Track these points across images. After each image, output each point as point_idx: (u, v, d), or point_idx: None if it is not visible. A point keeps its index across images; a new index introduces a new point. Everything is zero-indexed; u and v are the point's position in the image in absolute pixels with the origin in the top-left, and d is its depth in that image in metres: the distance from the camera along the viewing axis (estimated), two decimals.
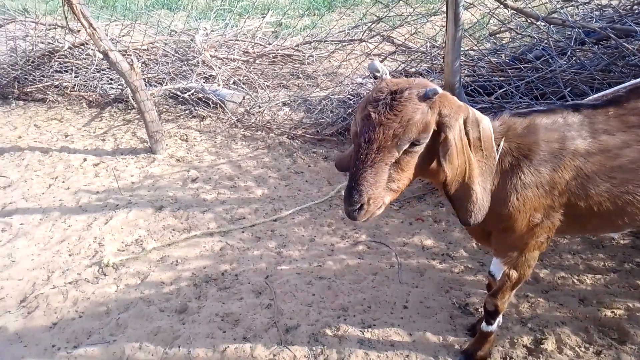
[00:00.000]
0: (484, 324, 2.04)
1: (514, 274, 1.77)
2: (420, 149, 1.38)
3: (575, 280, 2.50)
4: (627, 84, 1.73)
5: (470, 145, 1.44)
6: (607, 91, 1.75)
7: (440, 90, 1.35)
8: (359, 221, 1.41)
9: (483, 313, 2.04)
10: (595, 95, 1.78)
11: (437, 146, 1.40)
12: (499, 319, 2.08)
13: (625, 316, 2.27)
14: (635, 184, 1.55)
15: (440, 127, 1.38)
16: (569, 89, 2.79)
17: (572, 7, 4.33)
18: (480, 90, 3.25)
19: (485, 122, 1.48)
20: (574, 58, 3.09)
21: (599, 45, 3.15)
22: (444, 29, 2.48)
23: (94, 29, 3.50)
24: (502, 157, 1.56)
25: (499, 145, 1.55)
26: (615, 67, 2.88)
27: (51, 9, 7.58)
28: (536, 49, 3.35)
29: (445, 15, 2.40)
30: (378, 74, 1.46)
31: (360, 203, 1.35)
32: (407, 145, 1.34)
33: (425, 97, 1.34)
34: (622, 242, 2.70)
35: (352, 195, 1.35)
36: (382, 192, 1.37)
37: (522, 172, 1.54)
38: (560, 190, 1.56)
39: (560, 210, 1.60)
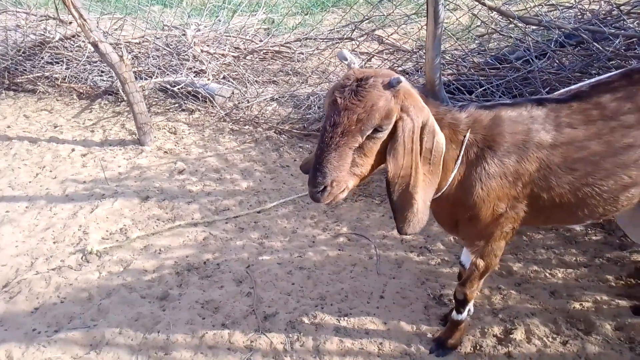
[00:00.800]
0: (454, 312, 2.10)
1: (481, 263, 1.83)
2: (382, 135, 1.41)
3: (547, 274, 2.57)
4: (591, 80, 1.80)
5: (420, 153, 1.46)
6: (572, 87, 1.82)
7: (403, 79, 1.39)
8: (322, 203, 1.43)
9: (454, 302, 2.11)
10: (561, 91, 1.84)
11: None
12: (470, 307, 2.15)
13: (592, 308, 2.34)
14: (595, 177, 1.61)
15: (398, 119, 1.41)
16: (547, 89, 2.87)
17: (558, 12, 4.42)
18: (462, 89, 3.32)
19: (441, 137, 1.50)
20: (554, 59, 3.17)
21: (579, 48, 3.24)
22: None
23: (85, 20, 3.53)
24: (468, 148, 1.61)
25: (465, 136, 1.61)
26: (592, 69, 2.96)
27: (44, 1, 7.58)
28: (518, 50, 3.43)
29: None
30: (346, 62, 1.51)
31: (323, 185, 1.39)
32: (370, 131, 1.38)
33: (390, 86, 1.38)
34: (594, 238, 2.78)
35: (316, 177, 1.38)
36: (346, 176, 1.40)
37: (486, 162, 1.60)
38: (523, 181, 1.62)
39: (524, 201, 1.67)
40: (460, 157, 1.61)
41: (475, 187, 1.62)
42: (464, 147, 1.60)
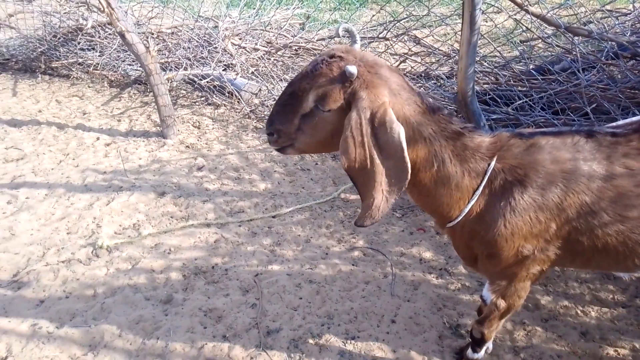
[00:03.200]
0: (469, 350, 1.92)
1: (502, 304, 1.64)
2: (323, 115, 1.41)
3: (579, 312, 2.33)
4: None
5: (380, 148, 1.36)
6: (634, 118, 1.57)
7: (355, 72, 1.33)
8: (271, 145, 1.54)
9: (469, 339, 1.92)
10: (619, 122, 1.60)
11: None
12: (488, 345, 1.96)
13: (629, 357, 2.10)
14: None
15: (342, 108, 1.39)
16: (592, 106, 2.59)
17: (612, 19, 4.07)
18: (498, 100, 3.07)
19: (395, 129, 1.33)
20: (603, 73, 2.86)
21: (634, 61, 2.92)
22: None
23: (112, 9, 3.48)
24: (493, 177, 1.42)
25: (489, 165, 1.41)
26: None
27: None
28: (564, 61, 3.14)
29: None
30: (340, 38, 1.46)
31: (269, 130, 1.50)
32: (312, 104, 1.40)
33: (343, 72, 1.35)
34: (636, 274, 2.50)
35: (267, 123, 1.51)
36: (292, 132, 1.46)
37: (513, 197, 1.40)
38: (558, 223, 1.40)
39: (557, 244, 1.45)
40: (481, 186, 1.42)
41: (497, 223, 1.42)
42: (487, 176, 1.41)
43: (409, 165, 1.35)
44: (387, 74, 1.39)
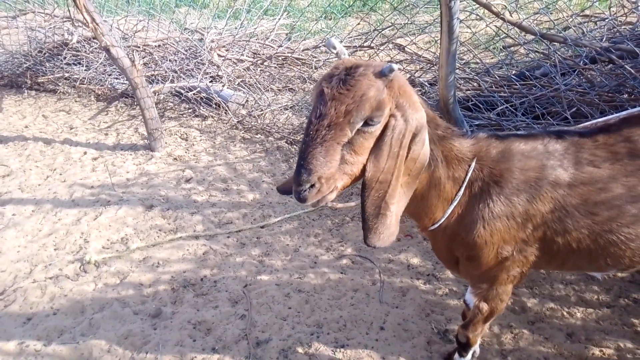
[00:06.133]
0: (456, 355, 1.93)
1: (484, 307, 1.66)
2: (374, 130, 1.25)
3: (565, 313, 2.36)
4: (623, 113, 1.61)
5: (405, 160, 1.31)
6: (599, 119, 1.63)
7: (396, 67, 1.24)
8: (308, 202, 1.25)
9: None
10: (586, 123, 1.65)
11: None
12: (475, 349, 1.98)
13: (614, 356, 2.12)
14: (620, 223, 1.42)
15: (390, 115, 1.27)
16: (572, 110, 2.64)
17: (592, 23, 4.15)
18: (480, 106, 3.11)
19: (427, 149, 1.34)
20: (582, 77, 2.92)
21: (611, 65, 2.99)
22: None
23: (97, 24, 3.49)
24: (473, 179, 1.45)
25: (469, 165, 1.44)
26: (624, 89, 2.72)
27: (64, 2, 7.67)
28: (544, 66, 3.20)
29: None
30: (334, 51, 1.36)
31: (310, 182, 1.22)
32: (360, 124, 1.23)
33: (381, 74, 1.23)
34: (619, 275, 2.54)
35: (301, 174, 1.22)
36: (335, 174, 1.24)
37: (491, 199, 1.43)
38: (534, 223, 1.44)
39: (534, 245, 1.48)
40: (462, 188, 1.45)
41: (476, 225, 1.45)
42: (468, 176, 1.43)
43: (415, 184, 1.35)
44: (401, 77, 1.35)
